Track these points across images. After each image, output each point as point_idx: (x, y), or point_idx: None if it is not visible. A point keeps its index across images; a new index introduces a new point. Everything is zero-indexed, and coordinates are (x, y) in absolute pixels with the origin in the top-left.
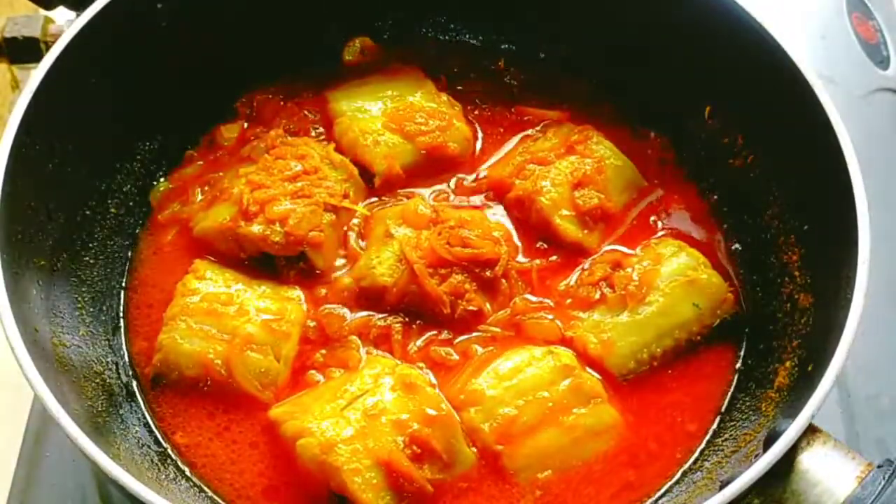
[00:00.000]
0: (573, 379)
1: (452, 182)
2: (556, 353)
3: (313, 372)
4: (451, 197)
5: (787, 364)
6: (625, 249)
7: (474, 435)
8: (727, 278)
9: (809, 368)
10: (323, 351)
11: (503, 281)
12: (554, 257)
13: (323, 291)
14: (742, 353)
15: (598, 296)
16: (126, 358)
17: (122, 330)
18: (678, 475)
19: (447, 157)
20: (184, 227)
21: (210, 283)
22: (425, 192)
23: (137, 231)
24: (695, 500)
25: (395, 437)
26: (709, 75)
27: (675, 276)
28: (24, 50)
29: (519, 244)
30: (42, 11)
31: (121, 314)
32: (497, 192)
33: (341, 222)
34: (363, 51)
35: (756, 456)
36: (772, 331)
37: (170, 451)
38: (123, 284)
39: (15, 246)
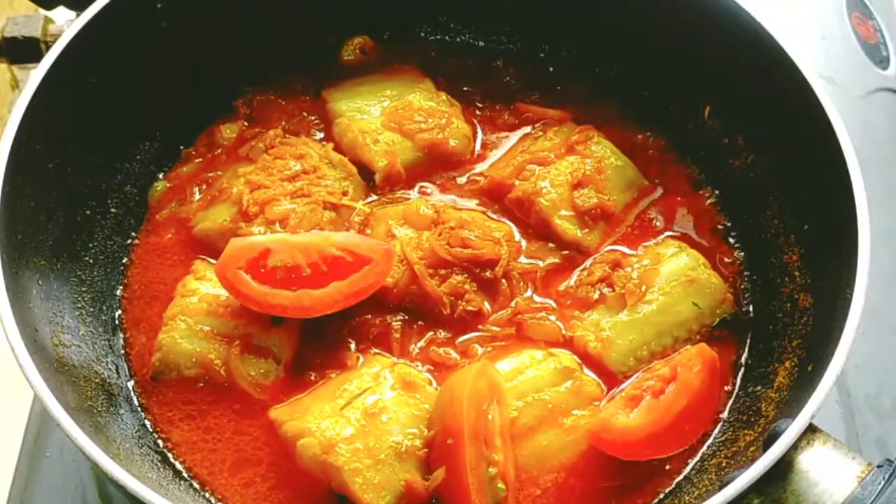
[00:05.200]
0: (573, 381)
1: (453, 182)
2: (556, 356)
3: (311, 373)
4: (452, 198)
5: (787, 364)
6: (625, 249)
7: None
8: (727, 278)
9: (809, 368)
10: (319, 351)
11: (503, 281)
12: (555, 258)
13: None
14: (742, 353)
15: (597, 296)
16: (125, 358)
17: (122, 330)
18: (678, 475)
19: (447, 155)
20: (182, 226)
21: (209, 283)
22: (427, 185)
23: (137, 231)
24: (695, 500)
25: (395, 435)
26: (709, 75)
27: (675, 275)
28: (24, 50)
29: (523, 244)
30: (42, 11)
31: (121, 314)
32: (498, 192)
33: (342, 220)
34: (363, 50)
35: (756, 456)
36: (772, 331)
37: (169, 450)
38: (123, 284)
39: (15, 246)
